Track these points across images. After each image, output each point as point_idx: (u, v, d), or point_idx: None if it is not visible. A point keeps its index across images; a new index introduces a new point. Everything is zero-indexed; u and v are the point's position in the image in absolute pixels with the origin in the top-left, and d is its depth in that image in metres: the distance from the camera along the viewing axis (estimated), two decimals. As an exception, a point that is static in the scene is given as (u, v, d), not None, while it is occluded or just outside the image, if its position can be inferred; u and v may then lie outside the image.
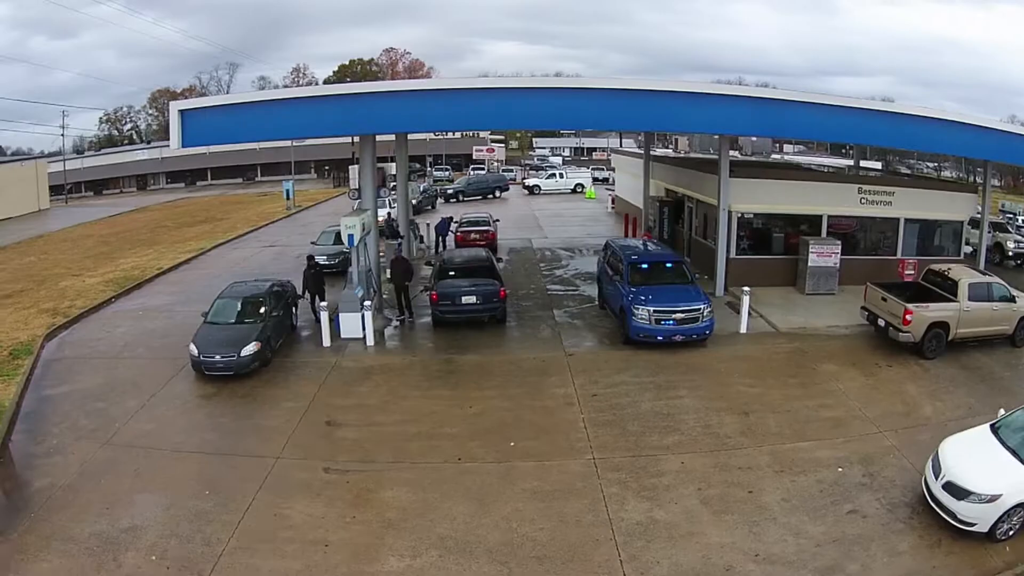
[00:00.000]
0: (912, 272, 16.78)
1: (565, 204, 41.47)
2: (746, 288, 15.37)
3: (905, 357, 13.50)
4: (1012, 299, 13.38)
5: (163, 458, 10.37)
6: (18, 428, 11.40)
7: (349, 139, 54.23)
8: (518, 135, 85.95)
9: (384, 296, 17.89)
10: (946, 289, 13.56)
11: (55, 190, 50.79)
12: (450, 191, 42.67)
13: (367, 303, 15.13)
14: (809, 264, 17.83)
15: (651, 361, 13.74)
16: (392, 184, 50.50)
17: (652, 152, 29.17)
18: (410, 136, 57.91)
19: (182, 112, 13.47)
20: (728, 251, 18.23)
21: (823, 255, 17.76)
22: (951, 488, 8.14)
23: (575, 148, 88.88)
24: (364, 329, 15.13)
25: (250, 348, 13.13)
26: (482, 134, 65.44)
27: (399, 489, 9.31)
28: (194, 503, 9.07)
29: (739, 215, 18.57)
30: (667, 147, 75.04)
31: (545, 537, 8.21)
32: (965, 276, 13.47)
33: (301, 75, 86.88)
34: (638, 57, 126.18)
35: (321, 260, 20.89)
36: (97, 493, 9.37)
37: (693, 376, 13.01)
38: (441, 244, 25.03)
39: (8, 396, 12.36)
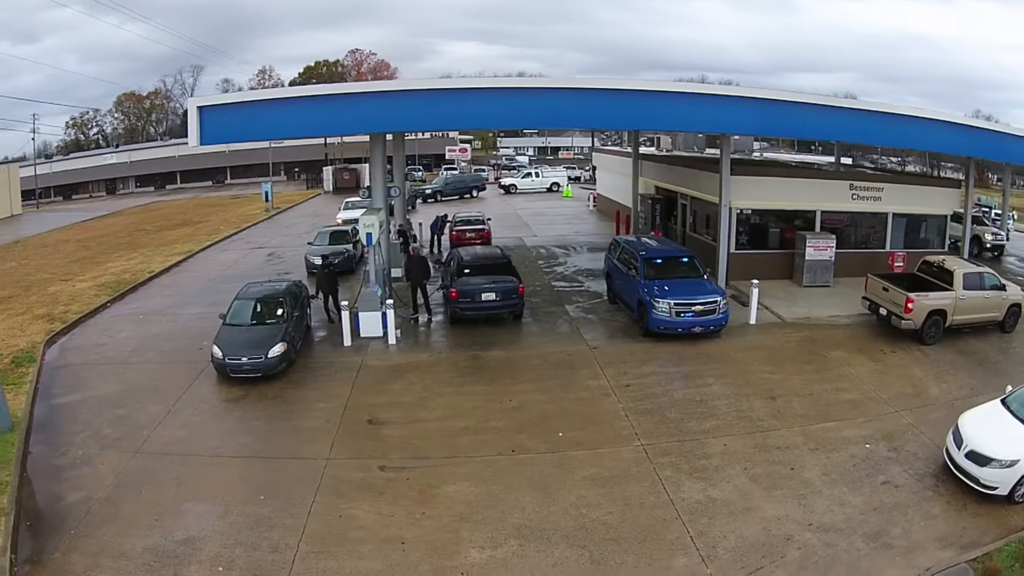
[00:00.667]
0: (902, 264, 18.32)
1: (544, 203, 42.47)
2: (755, 281, 16.56)
3: (907, 343, 14.89)
4: (1002, 287, 14.94)
5: (203, 465, 10.49)
6: (35, 439, 11.35)
7: (322, 141, 55.74)
8: (487, 135, 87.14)
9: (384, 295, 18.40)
10: (941, 279, 15.02)
11: (25, 195, 51.12)
12: (428, 191, 43.60)
13: (389, 301, 15.65)
14: (806, 258, 19.19)
15: (673, 352, 14.75)
16: (366, 185, 51.36)
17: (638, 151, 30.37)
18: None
19: (200, 108, 13.57)
20: (728, 246, 19.47)
21: (819, 249, 19.16)
22: (974, 456, 9.32)
23: (539, 148, 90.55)
24: (385, 328, 15.65)
25: (277, 349, 13.40)
26: (451, 134, 66.42)
27: (460, 484, 9.83)
28: (251, 509, 9.21)
29: (738, 211, 19.84)
30: (649, 146, 77.24)
31: (615, 520, 8.97)
32: (959, 266, 14.98)
33: (267, 77, 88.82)
34: (597, 55, 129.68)
35: (315, 260, 21.30)
36: (140, 504, 9.38)
37: (716, 365, 14.06)
38: (436, 243, 25.61)
39: (19, 406, 12.28)
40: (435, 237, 25.67)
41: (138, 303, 19.26)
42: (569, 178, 51.30)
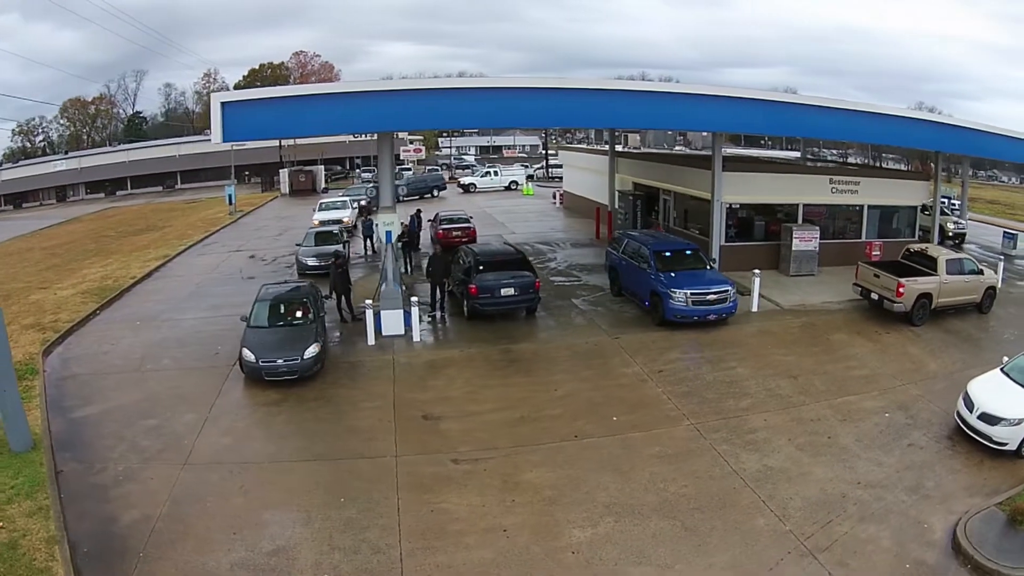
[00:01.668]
0: (879, 253, 20.67)
1: (508, 201, 43.82)
2: (756, 271, 18.37)
3: (898, 325, 16.99)
4: (980, 272, 17.32)
5: (264, 472, 10.71)
6: (62, 457, 11.11)
7: (277, 143, 57.06)
8: (430, 134, 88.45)
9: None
10: (925, 265, 17.26)
11: (-25, 205, 49.13)
12: None
13: (414, 299, 16.44)
14: (793, 248, 21.24)
15: (691, 339, 16.27)
16: (324, 187, 52.05)
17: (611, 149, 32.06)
18: (331, 138, 59.36)
19: (224, 104, 13.68)
20: (720, 239, 21.28)
21: (805, 240, 21.25)
22: (986, 417, 11.18)
23: (481, 147, 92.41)
24: (407, 325, 16.42)
25: (312, 350, 13.85)
26: (402, 134, 67.62)
27: (538, 470, 10.74)
28: (334, 513, 9.50)
29: (727, 205, 21.68)
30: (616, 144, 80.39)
31: (692, 492, 10.19)
32: (942, 253, 17.27)
33: (212, 80, 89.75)
34: (529, 54, 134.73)
35: (310, 262, 21.77)
36: (210, 518, 9.39)
37: (734, 350, 15.66)
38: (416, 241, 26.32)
39: (34, 422, 12.09)
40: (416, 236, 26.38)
41: (129, 309, 19.15)
42: (527, 176, 52.94)
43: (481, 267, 17.62)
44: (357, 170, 61.16)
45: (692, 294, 16.52)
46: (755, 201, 22.02)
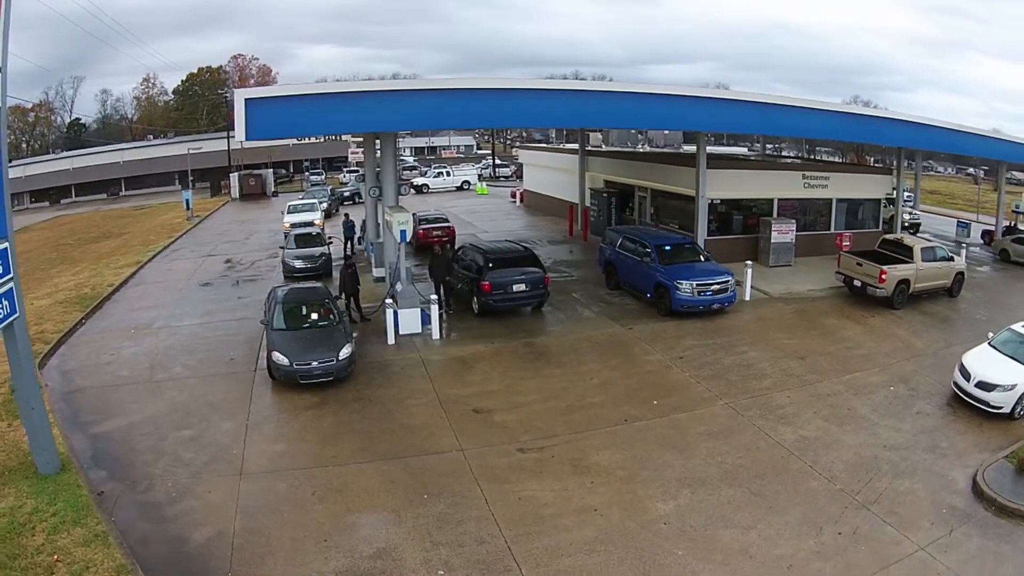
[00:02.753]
0: (848, 243, 23.06)
1: (466, 201, 45.00)
2: (749, 262, 20.29)
3: (880, 309, 19.26)
4: (950, 259, 19.88)
5: (330, 475, 10.94)
6: (97, 477, 10.93)
7: (226, 147, 57.32)
8: (374, 136, 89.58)
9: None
10: (901, 254, 19.63)
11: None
12: (347, 193, 45.42)
13: (433, 297, 17.27)
14: (772, 241, 23.39)
15: (698, 328, 17.88)
16: (273, 191, 52.03)
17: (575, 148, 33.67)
18: (277, 141, 59.49)
19: (248, 101, 13.90)
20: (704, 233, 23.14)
21: (783, 232, 23.43)
22: (982, 385, 13.22)
23: (418, 148, 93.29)
24: (430, 324, 17.19)
25: (347, 350, 14.34)
26: (345, 137, 68.37)
27: (603, 453, 11.81)
28: (423, 510, 9.98)
29: (708, 201, 23.57)
30: (574, 142, 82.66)
31: (747, 462, 11.61)
32: (917, 242, 19.70)
33: (151, 85, 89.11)
34: (454, 54, 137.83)
35: (296, 264, 22.16)
36: (292, 528, 9.53)
37: (741, 336, 17.38)
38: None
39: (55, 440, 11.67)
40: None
41: (116, 317, 18.97)
42: (479, 176, 54.88)
43: (491, 264, 18.62)
44: (306, 173, 61.29)
45: (698, 285, 18.17)
46: (735, 196, 24.06)
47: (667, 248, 19.51)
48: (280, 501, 10.27)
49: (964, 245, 25.27)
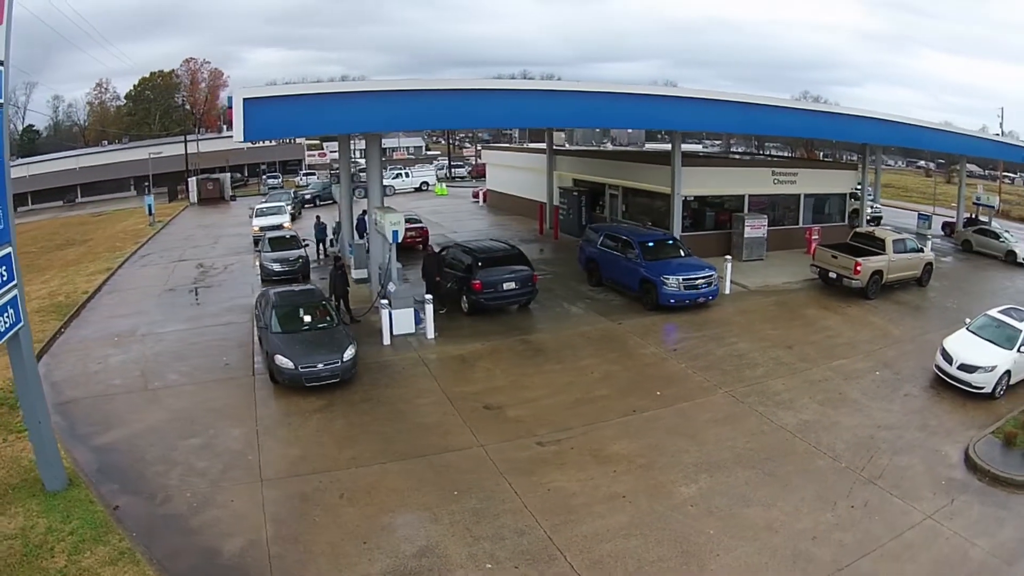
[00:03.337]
0: (817, 237, 24.34)
1: (427, 201, 45.25)
2: (728, 257, 21.18)
3: (855, 299, 20.43)
4: (920, 250, 21.22)
5: (354, 477, 11.00)
6: (108, 490, 10.62)
7: (182, 151, 57.56)
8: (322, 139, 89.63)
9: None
10: (873, 246, 20.84)
11: None
12: (307, 196, 45.49)
13: (428, 296, 17.50)
14: (745, 236, 24.43)
15: (685, 321, 18.63)
16: (231, 195, 51.61)
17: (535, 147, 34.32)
18: (233, 145, 59.01)
19: (246, 101, 13.80)
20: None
21: (755, 228, 24.51)
22: (965, 367, 14.30)
23: (363, 150, 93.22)
24: (418, 324, 17.44)
25: (351, 351, 14.42)
26: (299, 140, 68.75)
27: (619, 443, 12.28)
28: (457, 506, 10.20)
29: (682, 198, 24.47)
30: (539, 141, 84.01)
31: (756, 446, 12.29)
32: (888, 235, 20.96)
33: (104, 90, 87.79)
34: (400, 56, 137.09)
35: (275, 267, 22.09)
36: (328, 532, 9.58)
37: (728, 327, 18.20)
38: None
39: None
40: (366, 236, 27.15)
41: (97, 325, 18.50)
42: (438, 177, 55.43)
43: (481, 263, 18.96)
44: (264, 177, 60.88)
45: (684, 280, 18.93)
46: (709, 193, 25.05)
47: (651, 244, 20.23)
48: (308, 506, 10.27)
49: (928, 237, 26.89)
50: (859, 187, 28.04)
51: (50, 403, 13.71)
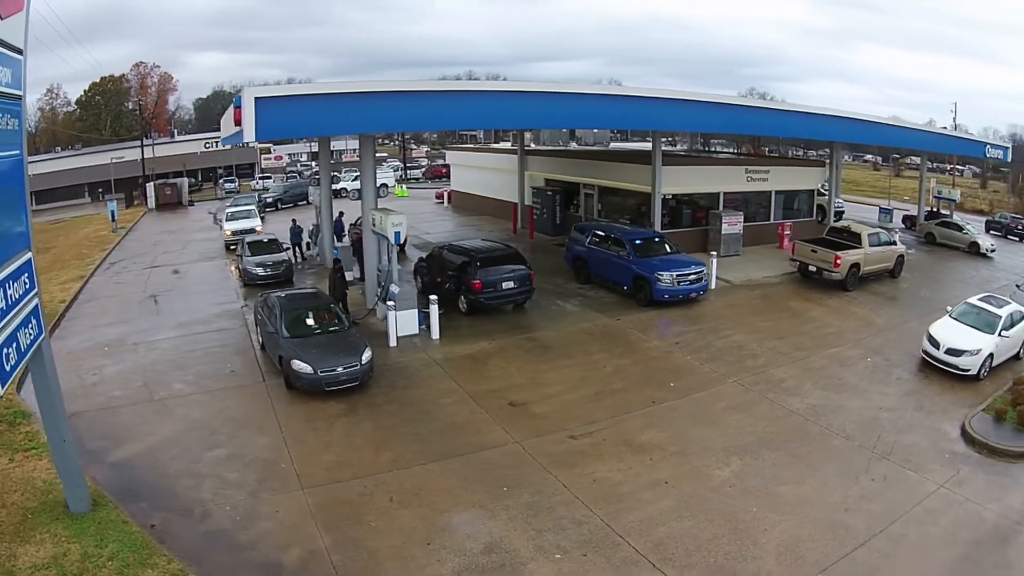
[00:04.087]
0: (789, 233, 25.83)
1: (390, 203, 44.28)
2: (714, 253, 22.32)
3: (834, 291, 21.87)
4: (893, 243, 22.85)
5: (399, 479, 11.22)
6: (136, 509, 10.32)
7: (139, 158, 56.92)
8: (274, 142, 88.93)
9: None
10: (849, 240, 22.35)
11: None
12: (269, 199, 45.36)
13: (433, 297, 17.89)
14: (722, 232, 25.70)
15: (680, 315, 19.63)
16: (189, 200, 51.06)
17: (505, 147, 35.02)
18: (190, 149, 59.58)
19: (258, 100, 13.86)
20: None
21: (732, 224, 25.82)
22: (952, 351, 15.69)
23: (313, 153, 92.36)
24: (429, 324, 17.74)
25: (368, 354, 14.65)
26: (252, 144, 68.85)
27: (647, 433, 13.02)
28: (511, 501, 10.62)
29: (662, 196, 25.58)
30: (504, 142, 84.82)
31: (774, 430, 13.25)
32: (863, 229, 22.52)
33: (55, 96, 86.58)
34: (342, 58, 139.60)
35: (259, 272, 22.10)
36: (386, 537, 9.72)
37: (721, 321, 19.26)
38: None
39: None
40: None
41: (82, 335, 18.14)
42: (397, 179, 55.94)
43: (479, 263, 19.48)
44: (221, 181, 60.23)
45: (678, 275, 19.93)
46: (686, 191, 26.23)
47: (640, 243, 21.15)
48: (359, 511, 10.39)
49: (895, 231, 28.81)
50: (826, 183, 29.80)
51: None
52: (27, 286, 9.50)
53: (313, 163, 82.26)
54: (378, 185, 51.77)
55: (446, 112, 16.22)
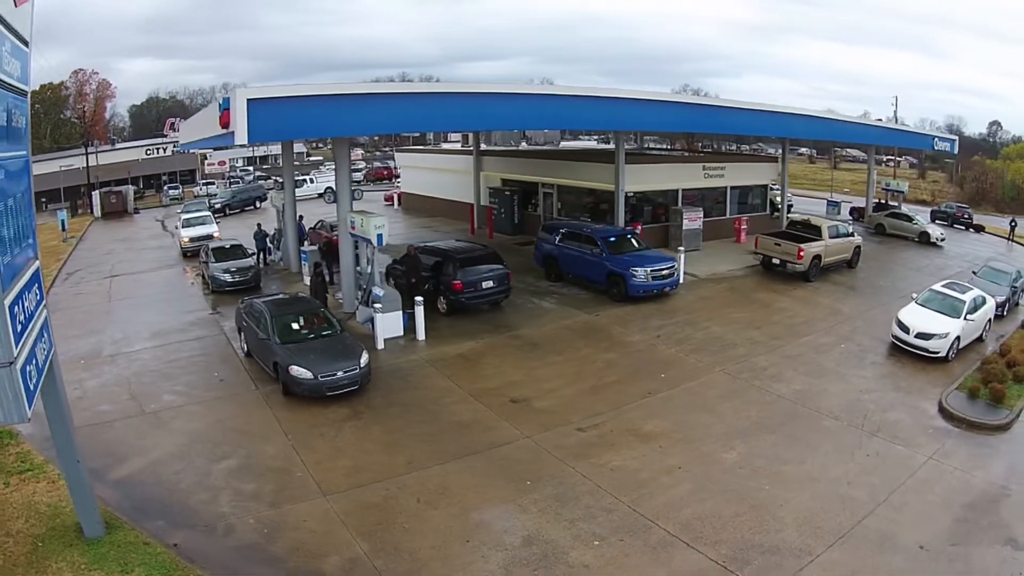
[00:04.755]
0: (746, 227, 27.12)
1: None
2: (681, 248, 23.26)
3: (797, 283, 23.14)
4: (851, 235, 24.32)
5: (421, 480, 11.41)
6: (153, 527, 10.14)
7: (84, 166, 55.55)
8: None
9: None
10: (809, 233, 23.67)
11: None
12: (217, 205, 44.50)
13: (419, 299, 18.05)
14: (683, 228, 26.74)
15: (656, 309, 20.41)
16: (134, 208, 49.86)
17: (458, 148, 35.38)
18: (133, 156, 58.31)
19: (250, 101, 13.81)
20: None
21: (692, 220, 26.89)
22: (922, 335, 16.96)
23: (248, 158, 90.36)
24: (415, 326, 17.92)
25: (366, 357, 14.77)
26: (194, 150, 67.30)
27: (651, 422, 13.61)
28: (533, 496, 10.98)
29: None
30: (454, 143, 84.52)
31: (767, 414, 14.09)
32: (823, 222, 23.90)
33: None
34: (271, 62, 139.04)
35: (226, 278, 21.82)
36: (423, 538, 9.92)
37: (697, 313, 20.15)
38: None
39: (67, 499, 10.34)
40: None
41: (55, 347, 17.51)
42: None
43: (459, 263, 19.74)
44: (165, 188, 58.76)
45: (652, 271, 20.72)
46: (647, 189, 27.17)
47: (612, 240, 21.87)
48: (389, 515, 10.51)
49: (848, 223, 30.55)
50: (776, 179, 31.35)
51: (37, 436, 13.02)
52: (38, 297, 9.18)
53: (251, 168, 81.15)
54: (323, 189, 51.70)
55: (436, 113, 16.50)
